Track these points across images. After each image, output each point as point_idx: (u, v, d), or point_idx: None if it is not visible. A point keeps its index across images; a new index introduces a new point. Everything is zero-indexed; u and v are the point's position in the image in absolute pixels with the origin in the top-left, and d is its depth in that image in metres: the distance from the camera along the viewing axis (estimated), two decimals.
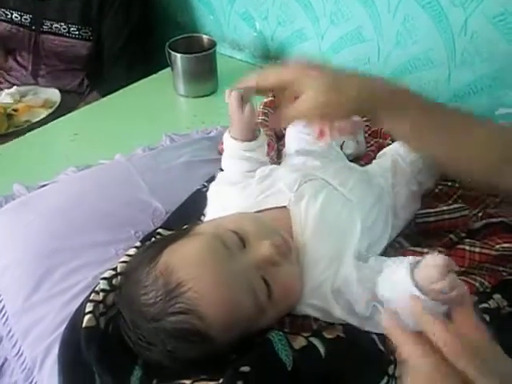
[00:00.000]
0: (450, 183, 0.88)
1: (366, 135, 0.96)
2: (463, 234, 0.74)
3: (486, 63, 0.98)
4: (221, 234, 0.55)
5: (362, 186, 0.70)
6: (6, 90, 1.31)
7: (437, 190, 0.85)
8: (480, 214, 0.79)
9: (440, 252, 0.68)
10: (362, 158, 0.90)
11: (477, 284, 0.67)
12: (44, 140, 1.12)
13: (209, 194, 0.73)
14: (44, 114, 1.24)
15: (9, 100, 1.29)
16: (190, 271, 0.50)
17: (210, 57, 1.24)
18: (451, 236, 0.74)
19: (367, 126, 0.96)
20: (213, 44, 1.25)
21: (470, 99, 1.04)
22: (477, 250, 0.70)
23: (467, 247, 0.71)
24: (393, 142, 0.89)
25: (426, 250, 0.69)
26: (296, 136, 0.83)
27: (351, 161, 0.86)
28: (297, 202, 0.63)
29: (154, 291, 0.50)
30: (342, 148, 0.91)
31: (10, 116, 1.25)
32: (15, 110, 1.26)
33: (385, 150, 0.85)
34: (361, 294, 0.56)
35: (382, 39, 1.11)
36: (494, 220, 0.75)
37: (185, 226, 0.68)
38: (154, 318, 0.50)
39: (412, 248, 0.72)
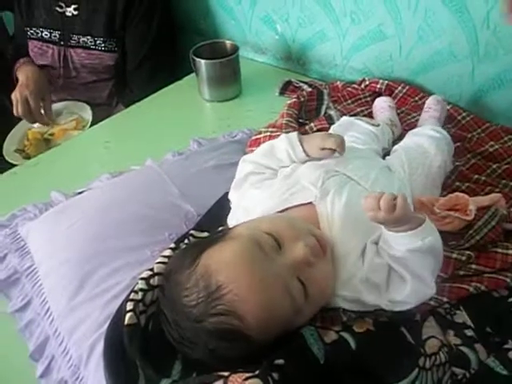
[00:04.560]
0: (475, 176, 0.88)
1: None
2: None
3: (509, 56, 0.97)
4: (257, 236, 0.56)
5: (383, 179, 0.71)
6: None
7: (463, 187, 0.85)
8: None
9: (469, 254, 0.69)
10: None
11: (508, 280, 0.68)
12: (78, 149, 1.17)
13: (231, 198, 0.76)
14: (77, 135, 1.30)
15: None
16: (230, 274, 0.52)
17: (234, 61, 1.26)
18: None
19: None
20: (235, 48, 1.28)
21: (495, 93, 1.03)
22: (510, 252, 0.70)
23: (499, 250, 0.70)
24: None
25: (454, 254, 0.69)
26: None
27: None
28: (322, 198, 0.65)
29: (195, 293, 0.53)
30: None
31: (47, 140, 1.32)
32: (51, 135, 1.33)
33: (396, 146, 0.88)
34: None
35: (403, 35, 1.11)
36: None
37: (220, 228, 0.71)
38: (197, 319, 0.52)
39: None
